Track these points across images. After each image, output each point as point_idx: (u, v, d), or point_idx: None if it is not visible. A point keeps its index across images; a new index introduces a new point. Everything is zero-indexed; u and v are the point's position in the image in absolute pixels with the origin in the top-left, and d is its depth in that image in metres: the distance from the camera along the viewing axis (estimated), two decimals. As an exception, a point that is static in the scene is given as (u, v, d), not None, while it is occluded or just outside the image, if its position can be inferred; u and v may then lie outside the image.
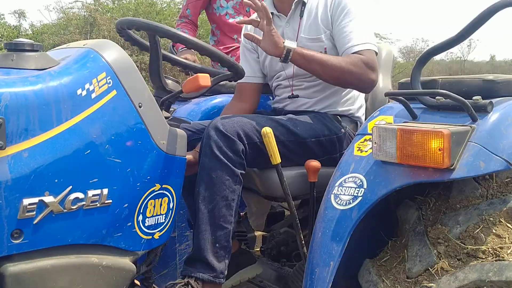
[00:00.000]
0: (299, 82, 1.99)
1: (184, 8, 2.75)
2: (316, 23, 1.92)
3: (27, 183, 1.15)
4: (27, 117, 1.16)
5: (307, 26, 1.93)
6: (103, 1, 12.64)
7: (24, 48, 1.27)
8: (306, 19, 1.94)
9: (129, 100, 1.35)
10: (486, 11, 1.29)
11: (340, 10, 1.88)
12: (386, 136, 1.34)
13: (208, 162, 1.60)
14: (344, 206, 1.41)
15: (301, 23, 1.94)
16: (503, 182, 1.40)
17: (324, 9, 1.91)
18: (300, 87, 1.99)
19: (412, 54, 24.09)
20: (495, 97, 1.39)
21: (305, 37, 1.93)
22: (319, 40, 1.91)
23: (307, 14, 1.94)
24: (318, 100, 1.96)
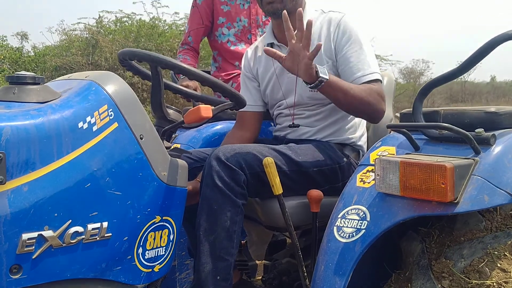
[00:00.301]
0: (301, 111, 1.99)
1: (186, 35, 2.77)
2: (319, 53, 1.90)
3: (27, 218, 1.14)
4: (28, 151, 1.16)
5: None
6: (105, 23, 12.75)
7: (25, 81, 1.28)
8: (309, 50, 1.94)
9: (130, 132, 1.34)
10: (487, 44, 1.30)
11: (345, 39, 1.88)
12: (389, 169, 1.33)
13: (210, 192, 1.58)
14: (347, 239, 1.39)
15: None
16: (507, 214, 1.39)
17: (327, 38, 1.91)
18: (301, 116, 1.99)
19: (413, 75, 24.27)
20: (497, 129, 1.39)
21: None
22: None
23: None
24: (320, 128, 1.96)
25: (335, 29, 1.90)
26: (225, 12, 2.70)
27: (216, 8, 2.70)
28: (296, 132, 2.00)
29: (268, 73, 2.04)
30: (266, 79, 2.05)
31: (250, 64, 2.12)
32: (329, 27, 1.91)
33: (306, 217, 1.73)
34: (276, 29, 2.01)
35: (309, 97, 1.96)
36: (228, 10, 2.70)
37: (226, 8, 2.70)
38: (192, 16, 2.76)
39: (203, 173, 1.65)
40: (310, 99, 1.96)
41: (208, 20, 2.72)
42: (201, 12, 2.71)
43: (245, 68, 2.14)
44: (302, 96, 1.96)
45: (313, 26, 1.92)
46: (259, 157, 1.65)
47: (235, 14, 2.70)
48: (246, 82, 2.13)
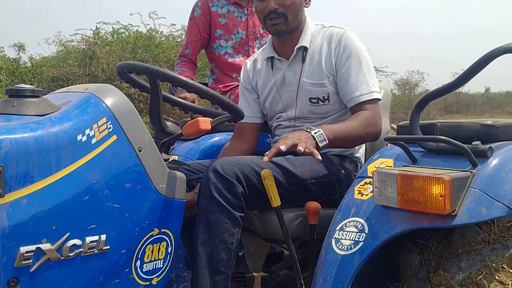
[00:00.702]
0: (300, 124, 1.99)
1: (183, 48, 2.79)
2: (320, 68, 1.92)
3: (25, 231, 1.14)
4: (26, 163, 1.16)
5: (310, 71, 1.94)
6: (103, 34, 12.78)
7: (25, 94, 1.28)
8: (309, 64, 1.95)
9: (129, 144, 1.35)
10: (484, 57, 1.31)
11: (345, 56, 1.89)
12: (386, 181, 1.33)
13: (207, 205, 1.58)
14: (345, 251, 1.39)
15: (303, 68, 1.95)
16: (504, 226, 1.40)
17: (328, 54, 1.92)
18: (300, 128, 1.99)
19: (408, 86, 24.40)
20: (494, 142, 1.40)
21: (308, 81, 1.94)
22: (322, 86, 1.92)
23: (309, 59, 1.95)
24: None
25: (336, 45, 1.91)
26: (223, 25, 2.71)
27: (214, 20, 2.72)
28: None
29: (268, 85, 2.05)
30: (266, 91, 2.06)
31: (250, 76, 2.13)
32: (330, 42, 1.93)
33: (304, 229, 1.73)
34: (277, 44, 2.03)
35: (309, 111, 1.97)
36: (226, 23, 2.72)
37: (223, 20, 2.72)
38: (190, 28, 2.78)
39: (200, 185, 1.65)
40: (311, 113, 1.98)
41: (206, 33, 2.73)
42: (198, 24, 2.73)
43: (244, 79, 2.15)
44: (303, 110, 1.98)
45: (314, 41, 1.95)
46: (257, 169, 1.65)
47: (232, 26, 2.71)
48: (245, 93, 2.13)
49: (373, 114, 1.85)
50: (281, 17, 1.89)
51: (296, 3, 1.90)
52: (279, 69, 2.01)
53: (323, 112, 1.94)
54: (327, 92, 1.92)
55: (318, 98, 1.93)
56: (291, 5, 1.89)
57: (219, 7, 2.73)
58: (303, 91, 1.95)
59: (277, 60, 2.02)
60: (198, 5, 2.75)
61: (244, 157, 1.75)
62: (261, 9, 1.93)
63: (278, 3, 1.87)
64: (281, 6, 1.88)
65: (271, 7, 1.88)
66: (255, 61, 2.14)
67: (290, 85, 1.98)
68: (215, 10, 2.72)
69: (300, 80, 1.95)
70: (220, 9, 2.73)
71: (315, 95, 1.93)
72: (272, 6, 1.87)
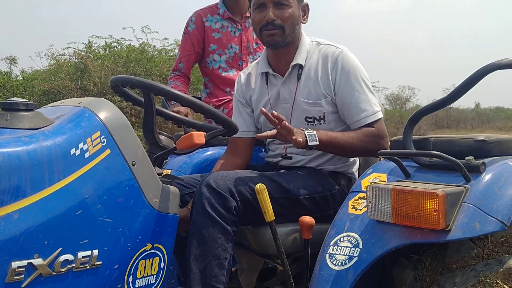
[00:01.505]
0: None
1: (177, 61, 2.79)
2: (317, 88, 1.90)
3: (17, 246, 1.12)
4: (19, 177, 1.15)
5: (305, 90, 1.92)
6: (95, 48, 12.77)
7: (18, 108, 1.27)
8: (304, 82, 1.92)
9: (122, 158, 1.34)
10: (476, 73, 1.33)
11: (344, 77, 1.86)
12: (380, 196, 1.34)
13: (200, 220, 1.58)
14: (339, 267, 1.39)
15: (298, 85, 1.94)
16: (498, 242, 1.40)
17: (325, 74, 1.90)
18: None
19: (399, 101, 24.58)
20: (486, 157, 1.41)
21: (304, 100, 1.91)
22: (318, 105, 1.90)
23: (305, 77, 1.93)
24: (313, 158, 1.96)
25: (333, 66, 1.88)
26: (217, 39, 2.73)
27: (208, 35, 2.73)
28: (288, 160, 2.00)
29: (262, 101, 2.04)
30: (260, 107, 2.02)
31: (243, 89, 2.11)
32: (326, 62, 1.90)
33: (297, 244, 1.73)
34: (272, 59, 2.00)
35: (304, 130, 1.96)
36: (220, 37, 2.73)
37: (217, 35, 2.73)
38: (184, 42, 2.79)
39: (193, 200, 1.64)
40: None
41: (200, 47, 2.74)
42: (192, 39, 2.74)
43: (238, 92, 2.13)
44: (297, 127, 1.96)
45: (309, 59, 1.94)
46: (250, 184, 1.65)
47: (226, 41, 2.73)
48: (239, 107, 2.12)
49: (378, 131, 1.84)
50: (278, 29, 1.88)
51: (294, 17, 1.89)
52: (273, 85, 2.00)
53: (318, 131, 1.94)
54: (323, 112, 1.90)
55: (314, 117, 1.92)
56: (289, 18, 1.88)
57: (213, 22, 2.75)
58: (299, 109, 1.93)
59: (272, 76, 2.01)
60: (192, 20, 2.77)
61: (238, 172, 1.74)
62: (258, 20, 1.91)
63: (276, 15, 1.86)
64: (279, 18, 1.87)
65: (269, 18, 1.86)
66: (249, 74, 2.12)
67: (285, 102, 1.97)
68: (209, 25, 2.74)
69: (296, 98, 1.93)
70: (214, 24, 2.74)
71: (311, 114, 1.92)
72: (270, 16, 1.86)
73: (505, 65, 1.31)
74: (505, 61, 1.31)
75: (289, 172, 1.86)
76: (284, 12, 1.87)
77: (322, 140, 1.74)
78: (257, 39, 2.62)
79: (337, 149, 1.83)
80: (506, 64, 1.31)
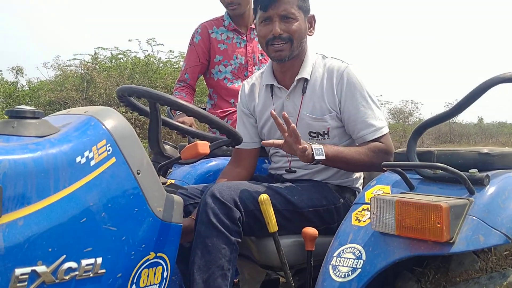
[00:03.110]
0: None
1: (182, 73, 2.81)
2: (321, 103, 1.89)
3: (21, 253, 1.13)
4: (24, 184, 1.15)
5: (310, 105, 1.90)
6: (101, 59, 12.88)
7: (25, 116, 1.28)
8: (309, 97, 1.91)
9: (127, 167, 1.35)
10: (478, 87, 1.33)
11: (350, 93, 1.86)
12: (384, 208, 1.34)
13: (204, 230, 1.58)
14: (343, 278, 1.38)
15: (303, 100, 1.92)
16: (502, 255, 1.39)
17: (330, 89, 1.88)
18: (297, 158, 1.98)
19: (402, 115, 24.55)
20: (490, 170, 1.41)
21: (309, 115, 1.91)
22: (323, 121, 1.89)
23: (310, 92, 1.91)
24: (317, 171, 1.95)
25: (338, 81, 1.87)
26: (222, 50, 2.75)
27: (213, 46, 2.76)
28: (292, 173, 2.00)
29: (266, 112, 2.02)
30: (264, 119, 2.04)
31: (247, 100, 2.09)
32: (332, 77, 1.89)
33: (300, 256, 1.72)
34: (278, 72, 1.99)
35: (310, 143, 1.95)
36: (225, 49, 2.75)
37: (223, 46, 2.75)
38: (189, 54, 2.81)
39: (198, 210, 1.65)
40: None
41: (205, 58, 2.77)
42: (198, 50, 2.76)
43: (242, 103, 2.12)
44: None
45: (315, 72, 1.92)
46: (255, 195, 1.65)
47: (231, 52, 2.75)
48: (243, 118, 2.10)
49: (384, 146, 1.84)
50: (286, 42, 1.86)
51: (301, 30, 1.87)
52: (278, 97, 1.99)
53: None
54: (327, 127, 1.89)
55: (318, 132, 1.91)
56: (296, 31, 1.86)
57: (219, 34, 2.77)
58: (303, 124, 1.92)
59: (277, 89, 1.99)
60: (197, 32, 2.79)
61: (242, 182, 1.74)
62: (264, 33, 1.89)
63: (283, 29, 1.84)
64: (286, 31, 1.85)
65: (276, 32, 1.84)
66: (253, 85, 2.10)
67: (289, 115, 1.90)
68: (214, 36, 2.77)
69: (300, 112, 1.92)
70: (220, 36, 2.77)
71: (315, 129, 1.91)
72: (276, 31, 1.84)
73: (508, 79, 1.32)
74: (508, 75, 1.31)
75: (294, 184, 1.86)
76: (290, 25, 1.85)
77: (328, 154, 1.73)
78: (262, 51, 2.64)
79: (344, 164, 1.82)
80: (508, 78, 1.31)
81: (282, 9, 1.83)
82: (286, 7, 1.83)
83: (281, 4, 1.83)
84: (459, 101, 1.38)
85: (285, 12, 1.83)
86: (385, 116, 21.67)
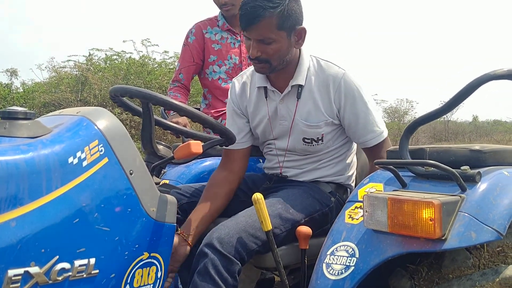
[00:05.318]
0: (291, 155, 1.98)
1: (177, 73, 2.81)
2: (317, 110, 1.86)
3: (13, 254, 1.12)
4: (16, 185, 1.15)
5: (305, 111, 1.87)
6: (95, 61, 12.83)
7: (17, 116, 1.28)
8: (304, 103, 1.87)
9: (120, 167, 1.35)
10: (471, 84, 1.34)
11: (349, 101, 1.83)
12: (377, 205, 1.34)
13: (201, 281, 1.54)
14: (336, 276, 1.39)
15: (298, 105, 1.88)
16: (494, 251, 1.40)
17: (326, 97, 1.85)
18: (291, 159, 1.99)
19: (397, 114, 24.57)
20: (482, 167, 1.42)
21: (303, 122, 1.88)
22: (317, 127, 1.87)
23: (305, 98, 1.87)
24: (309, 170, 1.96)
25: (336, 90, 1.83)
26: (216, 50, 2.75)
27: (207, 46, 2.76)
28: (285, 173, 2.01)
29: (259, 114, 1.97)
30: (257, 120, 1.99)
31: (238, 100, 2.02)
32: (328, 85, 1.84)
33: (295, 256, 1.73)
34: (271, 75, 1.91)
35: (302, 149, 1.94)
36: (219, 49, 2.76)
37: (217, 46, 2.76)
38: (184, 54, 2.81)
39: (196, 258, 1.60)
40: (302, 150, 1.94)
41: (199, 59, 2.77)
42: (192, 50, 2.76)
43: (233, 102, 2.04)
44: (295, 146, 1.94)
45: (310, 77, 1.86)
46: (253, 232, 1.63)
47: (226, 52, 2.75)
48: (234, 117, 2.04)
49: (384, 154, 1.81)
50: (264, 63, 1.79)
51: (281, 50, 1.77)
52: (272, 100, 1.93)
53: (315, 151, 1.92)
54: (321, 134, 1.88)
55: (312, 139, 1.89)
56: (274, 54, 1.77)
57: (213, 34, 2.78)
58: (297, 130, 1.89)
59: (270, 91, 1.93)
60: (192, 32, 2.80)
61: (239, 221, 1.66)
62: (247, 48, 1.82)
63: (260, 50, 1.75)
64: (264, 53, 1.76)
65: (252, 55, 1.78)
66: (244, 84, 2.02)
67: (283, 119, 1.92)
68: (208, 36, 2.77)
69: (295, 117, 1.89)
70: (214, 36, 2.77)
71: (309, 136, 1.89)
72: (253, 54, 1.77)
73: (499, 76, 1.32)
74: (499, 72, 1.32)
75: (286, 194, 1.84)
76: (268, 48, 1.75)
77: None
78: None
79: None
80: (500, 74, 1.32)
81: (257, 34, 1.73)
82: (261, 32, 1.72)
83: (257, 29, 1.72)
84: (451, 98, 1.39)
85: (261, 37, 1.73)
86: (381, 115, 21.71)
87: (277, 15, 1.70)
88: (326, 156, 1.95)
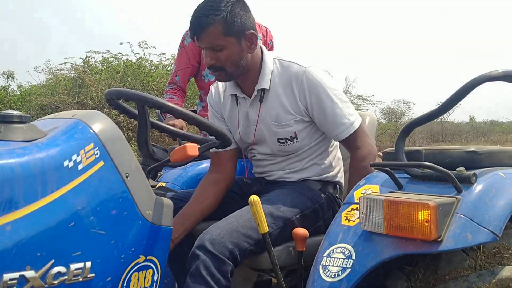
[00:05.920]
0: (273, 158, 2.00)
1: (173, 75, 2.81)
2: (284, 110, 1.87)
3: (9, 258, 1.12)
4: (12, 189, 1.15)
5: (274, 113, 1.89)
6: (92, 63, 12.82)
7: (12, 120, 1.28)
8: (271, 105, 1.89)
9: (116, 170, 1.34)
10: (467, 85, 1.34)
11: (315, 96, 1.83)
12: (373, 207, 1.34)
13: (193, 282, 1.55)
14: (333, 278, 1.38)
15: (261, 108, 1.91)
16: (490, 252, 1.40)
17: (291, 95, 1.86)
18: (273, 161, 2.00)
19: (394, 115, 24.64)
20: (477, 168, 1.42)
21: (273, 123, 1.90)
22: (287, 126, 1.88)
23: (271, 100, 1.89)
24: (296, 171, 1.98)
25: (299, 88, 1.84)
26: (212, 53, 2.75)
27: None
28: (272, 176, 2.02)
29: (234, 121, 2.01)
30: (234, 127, 2.03)
31: (217, 107, 2.06)
32: (291, 83, 1.85)
33: (291, 258, 1.73)
34: (239, 82, 1.95)
35: (279, 150, 1.95)
36: (215, 51, 2.75)
37: (212, 48, 2.75)
38: (180, 56, 2.81)
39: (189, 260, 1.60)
40: (281, 151, 1.96)
41: (196, 61, 2.77)
42: (188, 52, 2.76)
43: (213, 106, 2.08)
44: (273, 148, 1.96)
45: (274, 79, 1.88)
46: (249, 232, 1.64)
47: (221, 54, 2.75)
48: (215, 120, 2.07)
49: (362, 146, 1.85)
50: (220, 71, 1.82)
51: (232, 55, 1.79)
52: (243, 106, 1.97)
53: (293, 150, 1.93)
54: (293, 132, 1.88)
55: (286, 138, 1.90)
56: (226, 60, 1.78)
57: None
58: (270, 132, 1.92)
59: (242, 98, 1.96)
60: (188, 34, 2.79)
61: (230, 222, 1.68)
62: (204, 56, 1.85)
63: (213, 57, 1.78)
64: (217, 61, 1.79)
65: (206, 63, 1.81)
66: (219, 92, 2.06)
67: (253, 124, 1.95)
68: (204, 39, 2.76)
69: (264, 120, 1.91)
70: None
71: (282, 135, 1.90)
72: (207, 62, 1.80)
73: (494, 77, 1.33)
74: (494, 73, 1.33)
75: (275, 194, 1.86)
76: (219, 55, 1.78)
77: None
78: None
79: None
80: (495, 76, 1.33)
81: (206, 42, 1.77)
82: (209, 40, 1.75)
83: (205, 37, 1.75)
84: (446, 99, 1.39)
85: (211, 44, 1.76)
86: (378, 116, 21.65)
87: (221, 21, 1.73)
88: (308, 154, 1.96)
